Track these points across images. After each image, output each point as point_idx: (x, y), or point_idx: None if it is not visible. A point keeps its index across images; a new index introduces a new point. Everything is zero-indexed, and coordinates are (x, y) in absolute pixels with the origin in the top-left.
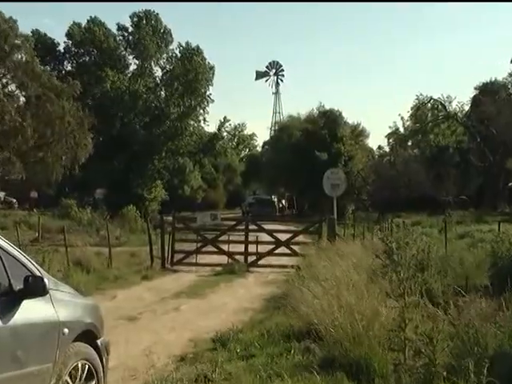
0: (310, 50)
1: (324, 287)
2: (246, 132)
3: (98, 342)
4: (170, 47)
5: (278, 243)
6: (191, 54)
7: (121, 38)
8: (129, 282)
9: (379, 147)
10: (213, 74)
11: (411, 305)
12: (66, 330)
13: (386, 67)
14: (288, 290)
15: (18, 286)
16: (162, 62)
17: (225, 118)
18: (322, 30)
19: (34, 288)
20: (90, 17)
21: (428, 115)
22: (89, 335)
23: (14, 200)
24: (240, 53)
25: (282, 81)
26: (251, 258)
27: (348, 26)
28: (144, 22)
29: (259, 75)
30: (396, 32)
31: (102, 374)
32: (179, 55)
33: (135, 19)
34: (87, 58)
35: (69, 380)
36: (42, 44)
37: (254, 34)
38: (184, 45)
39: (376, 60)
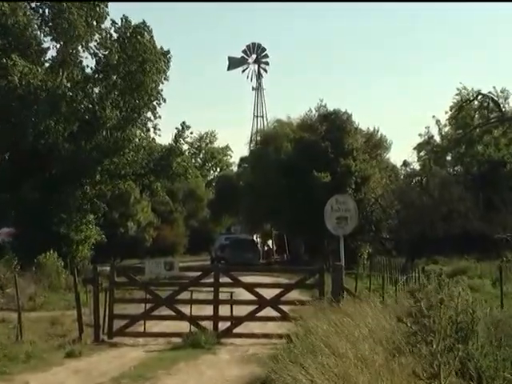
0: (303, 29)
1: (326, 365)
2: (215, 144)
3: None
4: (105, 25)
5: (262, 303)
6: (134, 34)
7: (33, 11)
8: (47, 363)
9: (405, 164)
10: (167, 62)
11: None
12: None
13: (411, 51)
14: (276, 371)
15: None
16: (93, 45)
17: (183, 124)
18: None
19: None
20: None
21: (475, 117)
22: None
23: None
24: (205, 34)
25: (265, 71)
26: (224, 325)
27: None
28: None
29: (233, 63)
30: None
31: None
32: (115, 36)
33: None
34: None
35: None
36: None
37: (224, 9)
38: (120, 22)
39: (397, 41)
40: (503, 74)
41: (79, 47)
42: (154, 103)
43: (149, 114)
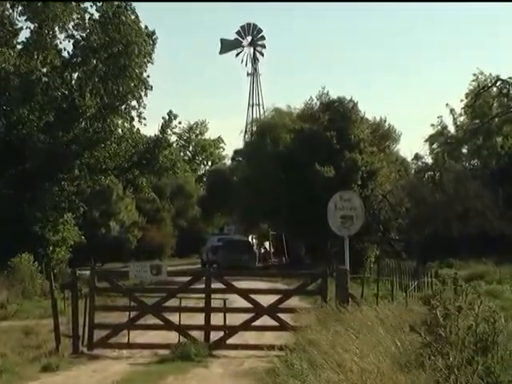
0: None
1: (329, 380)
2: (206, 136)
3: None
4: (84, 5)
5: (259, 311)
6: (117, 14)
7: None
8: (20, 377)
9: (416, 157)
10: (153, 44)
11: None
12: None
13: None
14: None
15: None
16: (71, 26)
17: (170, 113)
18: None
19: None
20: None
21: (493, 106)
22: None
23: None
24: (196, 14)
25: (262, 55)
26: (216, 335)
27: None
28: None
29: (226, 46)
30: None
31: None
32: (97, 16)
33: None
34: None
35: None
36: None
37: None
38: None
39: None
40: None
41: (56, 28)
42: (140, 90)
43: (133, 103)
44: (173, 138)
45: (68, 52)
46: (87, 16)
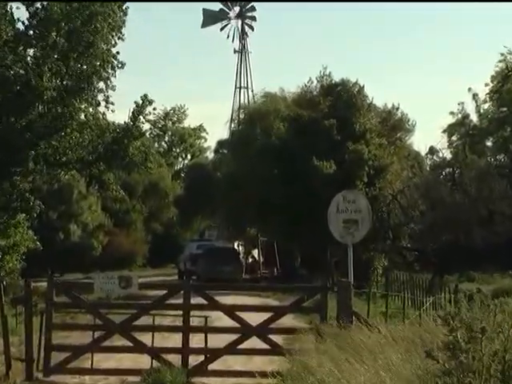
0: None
1: None
2: (185, 124)
3: None
4: None
5: (246, 331)
6: None
7: None
8: None
9: (432, 151)
10: (123, 16)
11: None
12: None
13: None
14: None
15: None
16: None
17: (145, 97)
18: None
19: None
20: None
21: None
22: None
23: None
24: None
25: (252, 29)
26: (195, 360)
27: None
28: None
29: (210, 17)
30: None
31: None
32: None
33: None
34: None
35: None
36: None
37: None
38: None
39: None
40: None
41: None
42: (109, 70)
43: (100, 85)
44: (146, 126)
45: (22, 23)
46: None
